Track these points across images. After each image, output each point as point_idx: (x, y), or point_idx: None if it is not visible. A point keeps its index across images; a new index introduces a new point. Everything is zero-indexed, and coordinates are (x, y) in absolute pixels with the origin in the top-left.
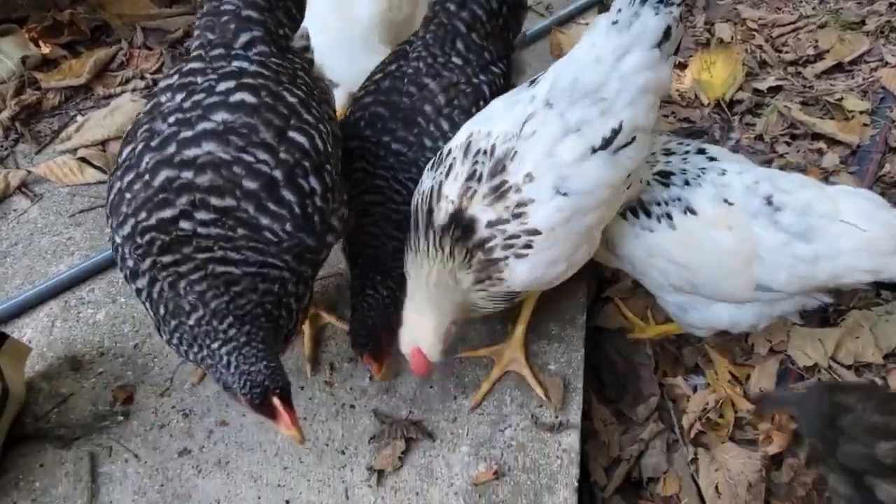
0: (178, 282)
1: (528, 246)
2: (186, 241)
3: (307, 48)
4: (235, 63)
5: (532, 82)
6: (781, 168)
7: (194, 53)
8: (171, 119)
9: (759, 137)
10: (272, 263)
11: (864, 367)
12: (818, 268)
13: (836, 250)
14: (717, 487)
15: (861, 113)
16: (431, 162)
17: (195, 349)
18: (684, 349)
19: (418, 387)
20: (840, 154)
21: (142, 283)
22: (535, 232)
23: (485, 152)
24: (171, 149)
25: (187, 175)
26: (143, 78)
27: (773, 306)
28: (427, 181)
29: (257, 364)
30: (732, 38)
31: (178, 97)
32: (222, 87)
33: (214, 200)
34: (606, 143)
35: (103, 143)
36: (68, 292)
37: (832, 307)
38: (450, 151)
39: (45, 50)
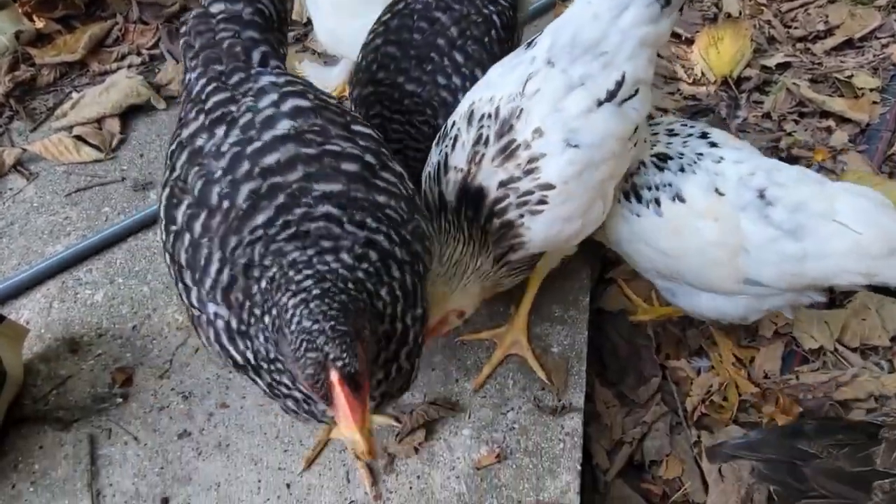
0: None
1: (542, 202)
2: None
3: None
4: (264, 79)
5: (529, 44)
6: (789, 147)
7: (209, 89)
8: (225, 149)
9: (767, 115)
10: (387, 234)
11: (871, 350)
12: (806, 267)
13: (825, 251)
14: (720, 470)
15: (871, 90)
16: (437, 136)
17: (263, 330)
18: (688, 331)
19: (420, 370)
20: (849, 132)
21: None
22: (549, 186)
23: (489, 116)
24: (245, 166)
25: (275, 179)
26: (139, 53)
27: (761, 301)
28: (434, 156)
29: (322, 322)
30: (741, 13)
31: (219, 132)
32: (266, 101)
33: (320, 186)
34: (611, 96)
35: (99, 121)
36: (65, 273)
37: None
38: (454, 123)
39: (39, 24)
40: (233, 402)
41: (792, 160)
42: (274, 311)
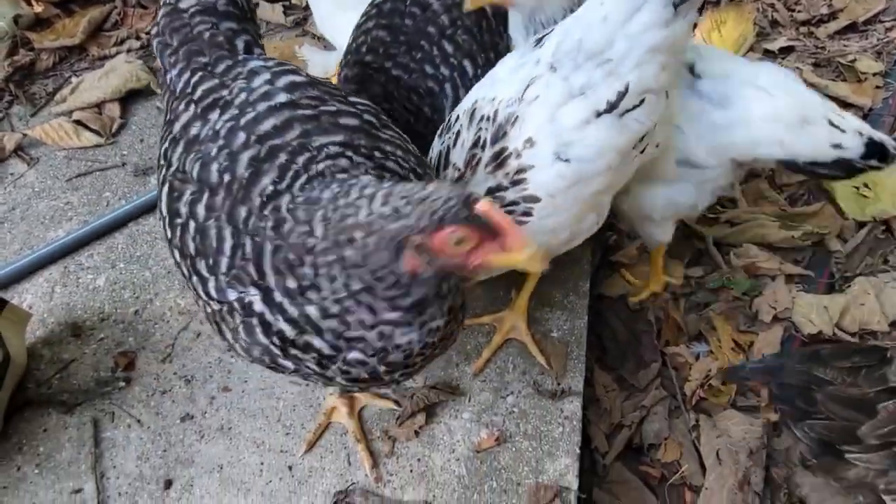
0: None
1: (526, 213)
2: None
3: None
4: (252, 62)
5: (539, 41)
6: None
7: (195, 79)
8: (220, 127)
9: None
10: (398, 166)
11: (870, 335)
12: (733, 136)
13: (748, 117)
14: (717, 454)
15: (874, 75)
16: (441, 127)
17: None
18: (688, 317)
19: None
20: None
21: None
22: (534, 199)
23: (488, 118)
24: (240, 137)
25: (273, 142)
26: (138, 38)
27: (703, 184)
28: (436, 146)
29: (430, 184)
30: None
31: (213, 116)
32: (259, 80)
33: (320, 139)
34: (612, 107)
35: (99, 106)
36: (67, 258)
37: (839, 274)
38: (457, 118)
39: (38, 9)
40: (235, 386)
41: None
42: (358, 235)
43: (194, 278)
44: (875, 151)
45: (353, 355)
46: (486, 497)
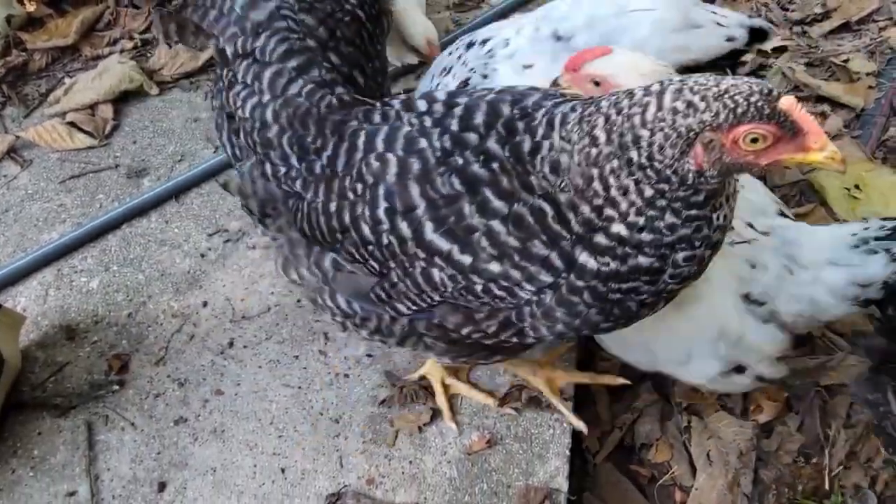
0: None
1: None
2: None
3: None
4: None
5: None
6: None
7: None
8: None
9: None
10: None
11: (860, 335)
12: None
13: (636, 39)
14: (708, 455)
15: (867, 75)
16: None
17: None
18: None
19: (412, 357)
20: (844, 117)
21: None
22: None
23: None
24: (473, 139)
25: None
26: (131, 38)
27: None
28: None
29: (728, 77)
30: None
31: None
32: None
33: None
34: None
35: (92, 107)
36: (61, 260)
37: None
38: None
39: (30, 8)
40: (227, 389)
41: None
42: (644, 133)
43: (492, 294)
44: (756, 36)
45: (681, 255)
46: (476, 499)
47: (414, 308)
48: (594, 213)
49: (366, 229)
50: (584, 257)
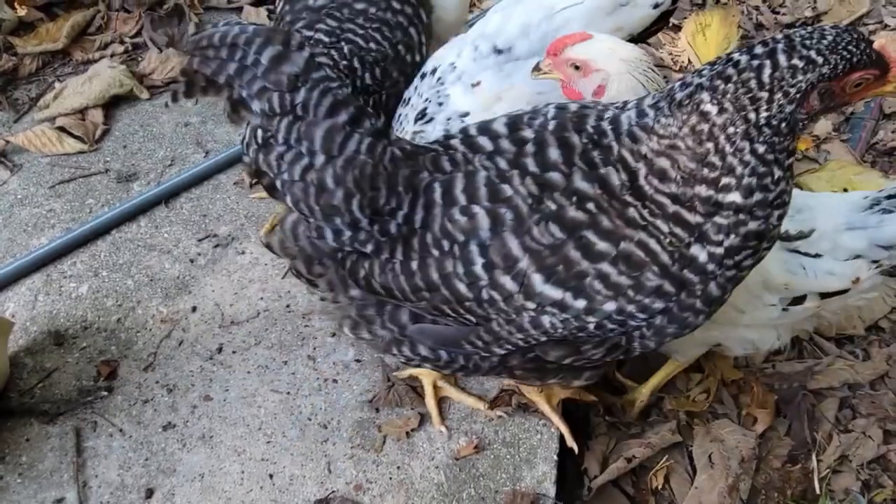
0: None
1: None
2: None
3: None
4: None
5: None
6: None
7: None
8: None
9: None
10: None
11: (846, 339)
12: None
13: (571, 27)
14: (710, 457)
15: None
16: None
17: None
18: None
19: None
20: (834, 121)
21: None
22: None
23: None
24: (553, 153)
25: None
26: (121, 42)
27: None
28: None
29: (824, 37)
30: None
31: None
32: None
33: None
34: None
35: (82, 112)
36: (50, 266)
37: None
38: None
39: (21, 12)
40: (216, 395)
41: None
42: (763, 95)
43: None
44: None
45: (776, 213)
46: None
47: (512, 349)
48: (712, 187)
49: (461, 287)
50: (697, 250)
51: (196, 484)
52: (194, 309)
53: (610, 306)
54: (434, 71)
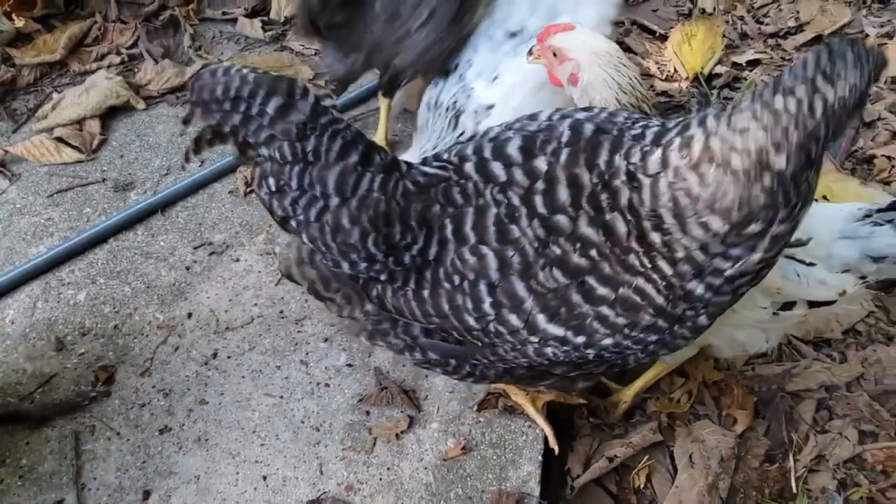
0: None
1: None
2: None
3: None
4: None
5: None
6: None
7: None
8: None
9: None
10: None
11: (824, 343)
12: None
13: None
14: (690, 457)
15: None
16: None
17: None
18: None
19: (391, 366)
20: None
21: None
22: None
23: None
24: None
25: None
26: (118, 53)
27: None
28: None
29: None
30: (714, 9)
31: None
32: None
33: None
34: None
35: (79, 122)
36: (49, 273)
37: None
38: None
39: (19, 24)
40: (211, 399)
41: None
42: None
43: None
44: None
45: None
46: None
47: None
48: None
49: (469, 319)
50: (695, 285)
51: (192, 485)
52: (190, 315)
53: (608, 342)
54: (456, 68)
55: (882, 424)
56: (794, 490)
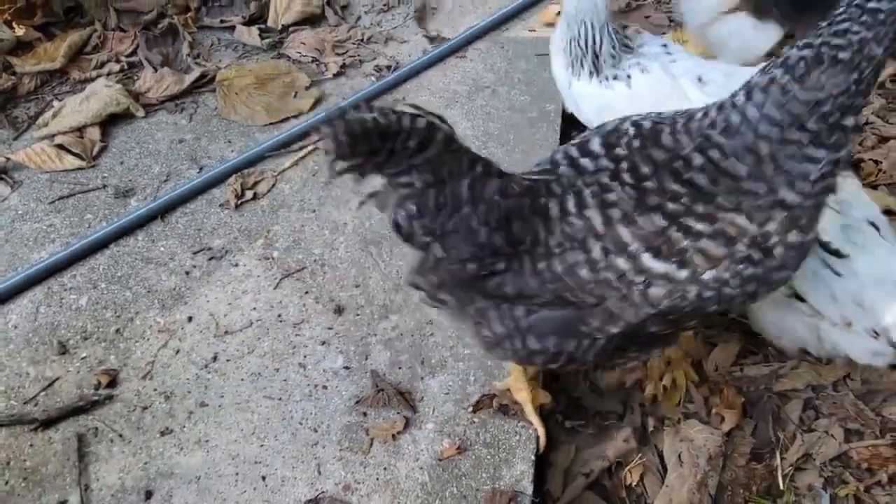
0: None
1: None
2: None
3: None
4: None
5: None
6: None
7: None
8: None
9: None
10: None
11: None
12: None
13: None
14: (679, 456)
15: None
16: None
17: None
18: None
19: (388, 369)
20: None
21: None
22: None
23: None
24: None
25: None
26: (118, 61)
27: None
28: None
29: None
30: None
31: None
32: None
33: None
34: None
35: (80, 130)
36: (51, 279)
37: None
38: None
39: (20, 32)
40: (212, 401)
41: None
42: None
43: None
44: None
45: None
46: (447, 503)
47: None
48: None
49: (583, 271)
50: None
51: (193, 486)
52: (190, 319)
53: (708, 276)
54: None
55: (867, 423)
56: (781, 487)
